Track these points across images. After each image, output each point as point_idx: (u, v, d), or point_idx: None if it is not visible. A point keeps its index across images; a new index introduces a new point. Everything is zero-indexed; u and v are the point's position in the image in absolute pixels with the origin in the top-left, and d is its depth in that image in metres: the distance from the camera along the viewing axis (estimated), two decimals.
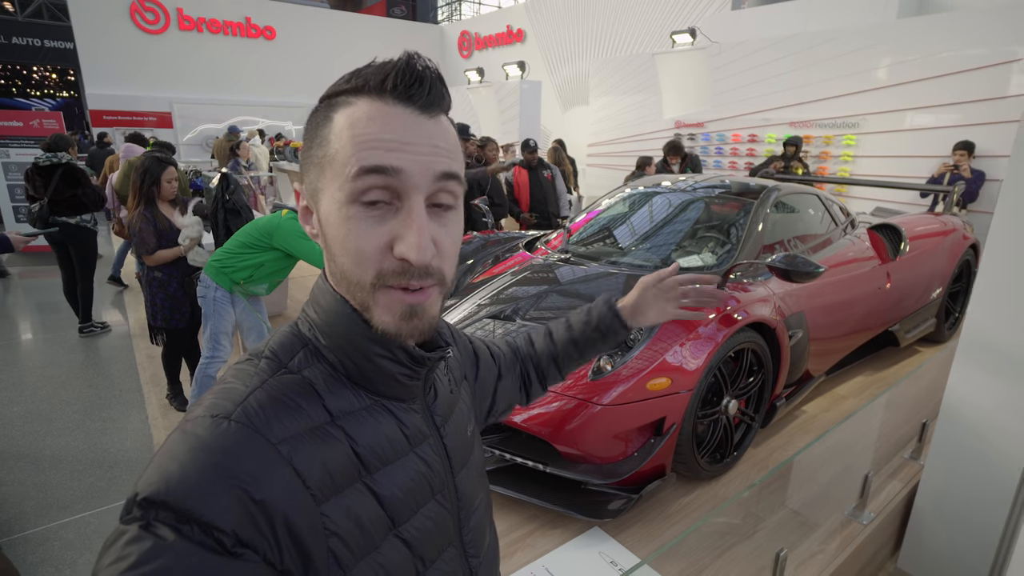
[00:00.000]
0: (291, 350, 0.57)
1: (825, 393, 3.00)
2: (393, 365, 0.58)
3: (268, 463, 0.47)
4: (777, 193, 2.96)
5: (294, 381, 0.54)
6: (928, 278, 3.44)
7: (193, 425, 0.48)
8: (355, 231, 0.52)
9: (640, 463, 1.90)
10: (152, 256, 2.96)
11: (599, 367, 1.94)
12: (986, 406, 1.90)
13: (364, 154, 0.51)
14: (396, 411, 0.59)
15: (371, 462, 0.54)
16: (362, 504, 0.53)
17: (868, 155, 6.28)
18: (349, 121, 0.52)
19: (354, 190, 0.51)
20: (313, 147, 0.55)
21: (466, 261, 3.09)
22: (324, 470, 0.50)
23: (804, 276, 2.05)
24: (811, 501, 2.17)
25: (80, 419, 3.37)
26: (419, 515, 0.58)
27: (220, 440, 0.46)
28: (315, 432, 0.52)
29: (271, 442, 0.48)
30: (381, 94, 0.53)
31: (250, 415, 0.49)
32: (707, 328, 2.02)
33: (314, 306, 0.60)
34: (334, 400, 0.55)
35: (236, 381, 0.53)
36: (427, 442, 0.61)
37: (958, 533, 2.00)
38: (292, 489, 0.47)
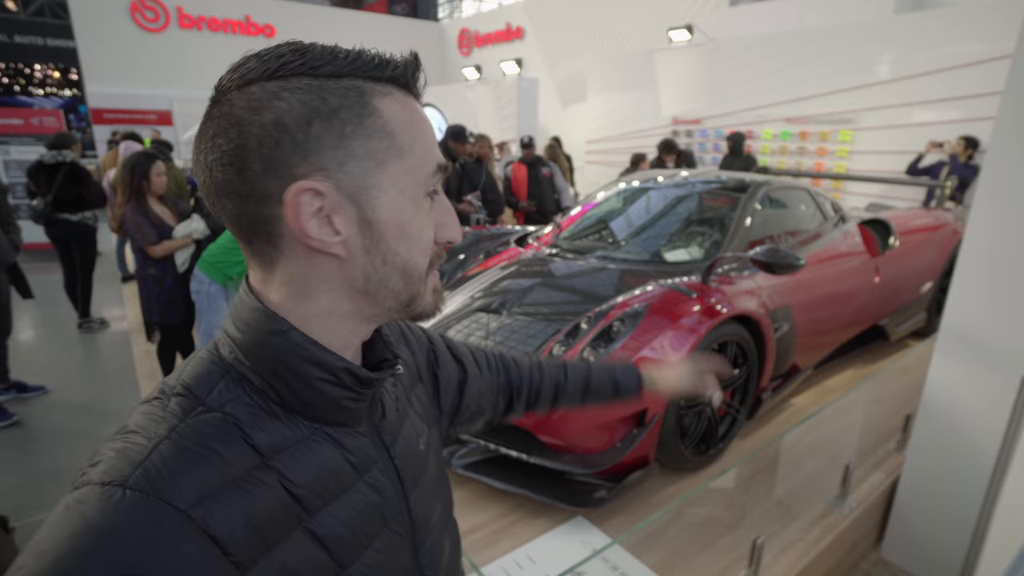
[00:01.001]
0: (208, 382, 0.49)
1: (814, 386, 3.02)
2: (336, 389, 0.51)
3: (173, 536, 0.40)
4: (766, 188, 2.97)
5: (211, 422, 0.46)
6: (918, 272, 3.45)
7: (79, 496, 0.40)
8: (425, 222, 0.53)
9: (622, 453, 1.92)
10: (159, 247, 2.99)
11: (582, 358, 1.97)
12: (964, 398, 1.92)
13: (435, 151, 0.53)
14: (338, 437, 0.52)
15: (311, 503, 0.48)
16: (302, 554, 0.47)
17: (865, 151, 6.29)
18: (408, 114, 0.51)
19: (430, 184, 0.53)
20: (356, 137, 0.48)
21: (458, 255, 3.12)
22: (249, 527, 0.43)
23: (785, 268, 2.09)
24: (794, 492, 2.19)
25: (78, 414, 3.42)
26: (369, 550, 0.53)
27: (109, 518, 0.39)
28: (237, 483, 0.44)
29: (179, 509, 0.41)
30: (408, 86, 0.53)
31: (151, 478, 0.41)
32: (690, 320, 2.04)
33: (236, 323, 0.51)
34: (263, 436, 0.47)
35: (140, 431, 0.45)
36: (376, 467, 0.55)
37: (937, 523, 2.03)
38: (207, 563, 0.41)
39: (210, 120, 0.49)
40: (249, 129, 0.46)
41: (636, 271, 2.58)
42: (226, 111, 0.47)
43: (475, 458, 2.06)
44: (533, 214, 5.35)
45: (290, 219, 0.47)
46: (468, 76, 9.92)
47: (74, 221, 4.59)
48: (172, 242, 3.02)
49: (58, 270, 4.88)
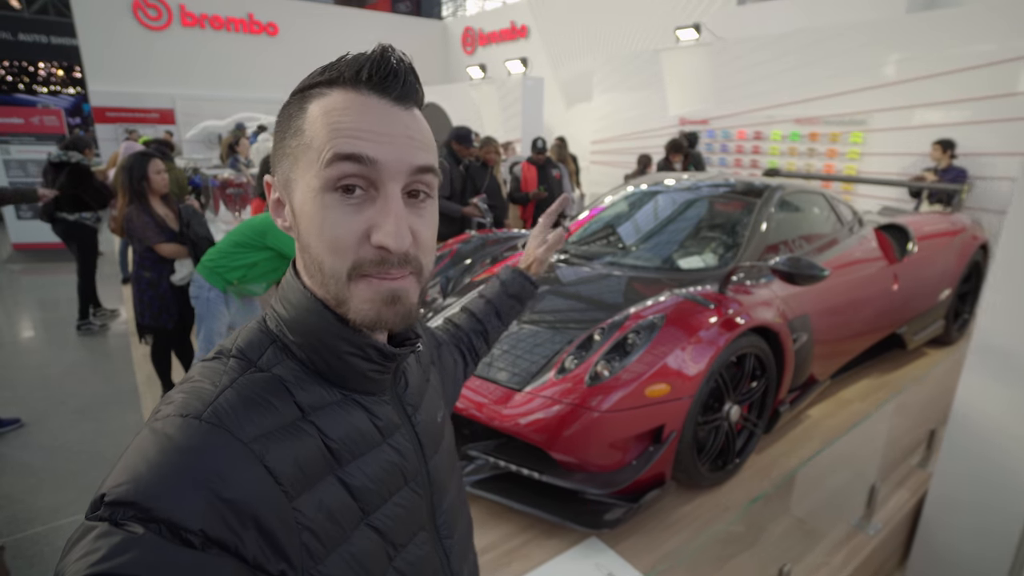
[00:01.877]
0: (259, 347, 0.57)
1: (830, 397, 2.93)
2: (363, 362, 0.58)
3: (239, 462, 0.47)
4: (781, 192, 2.88)
5: (264, 379, 0.54)
6: (937, 279, 3.36)
7: (163, 424, 0.48)
8: (331, 219, 0.52)
9: (639, 472, 1.84)
10: (167, 246, 2.93)
11: (596, 372, 1.88)
12: (997, 413, 1.84)
13: (340, 141, 0.51)
14: (367, 404, 0.59)
15: (342, 455, 0.55)
16: (333, 496, 0.53)
17: (876, 153, 6.18)
18: (323, 110, 0.52)
19: (330, 177, 0.51)
20: (287, 137, 0.55)
21: (464, 260, 3.04)
22: (296, 466, 0.50)
23: (808, 279, 2.00)
24: (816, 510, 2.11)
25: (75, 419, 3.35)
26: (390, 503, 0.59)
27: (190, 440, 0.46)
28: (286, 429, 0.52)
29: (243, 441, 0.48)
30: (356, 85, 0.53)
31: (221, 415, 0.49)
32: (708, 332, 1.96)
33: (283, 302, 0.59)
34: (305, 396, 0.55)
35: (205, 380, 0.53)
36: (399, 432, 0.62)
37: (970, 543, 1.94)
38: (263, 487, 0.47)
39: None
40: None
41: (647, 278, 2.50)
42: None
43: (483, 475, 1.98)
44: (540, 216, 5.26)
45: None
46: (472, 75, 9.83)
47: (71, 221, 4.60)
48: (172, 247, 2.95)
49: (57, 271, 4.83)
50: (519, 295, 1.06)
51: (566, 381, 1.91)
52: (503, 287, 1.06)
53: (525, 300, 1.08)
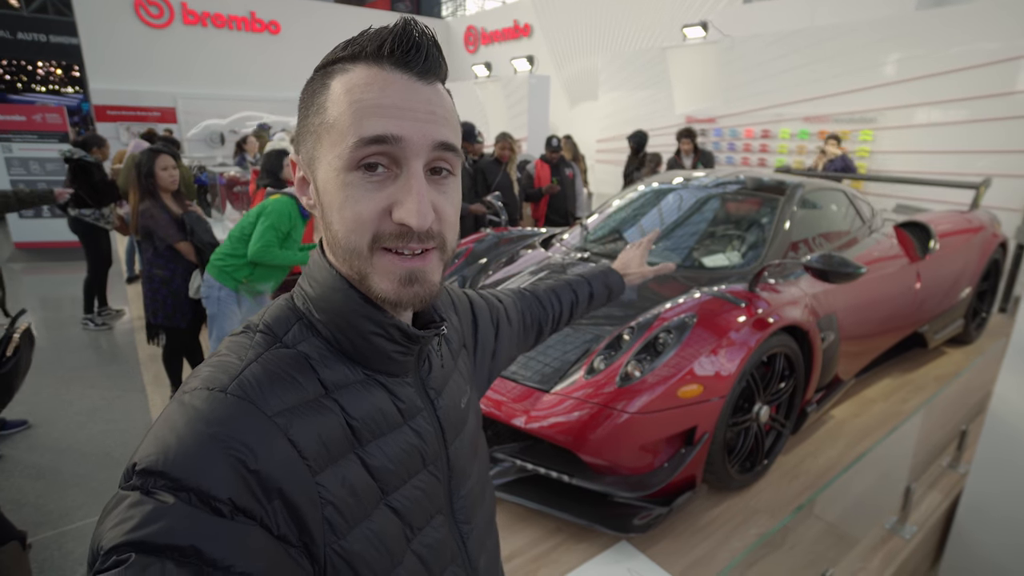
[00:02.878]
0: (286, 323, 0.57)
1: (854, 397, 2.88)
2: (387, 343, 0.58)
3: (264, 435, 0.48)
4: (803, 190, 2.84)
5: (289, 355, 0.54)
6: (957, 277, 3.32)
7: (191, 397, 0.49)
8: (353, 197, 0.52)
9: (671, 475, 1.79)
10: (186, 244, 2.90)
11: (627, 373, 1.84)
12: None
13: (365, 123, 0.51)
14: (390, 385, 0.59)
15: (363, 434, 0.55)
16: (355, 474, 0.53)
17: (886, 151, 6.13)
18: (346, 87, 0.52)
19: (353, 157, 0.51)
20: (310, 115, 0.55)
21: (480, 260, 2.99)
22: (319, 441, 0.51)
23: (843, 277, 1.95)
24: (847, 514, 2.06)
25: (82, 420, 3.29)
26: (409, 485, 0.59)
27: (217, 412, 0.47)
28: (310, 404, 0.52)
29: (267, 414, 0.49)
30: (378, 60, 0.52)
31: (246, 388, 0.49)
32: (739, 333, 1.91)
33: (309, 280, 0.59)
34: (329, 373, 0.55)
35: (231, 354, 0.54)
36: (421, 415, 0.62)
37: (1005, 547, 1.90)
38: (288, 460, 0.48)
39: None
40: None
41: (671, 277, 2.45)
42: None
43: (509, 478, 1.94)
44: (552, 216, 5.22)
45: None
46: (478, 74, 9.77)
47: (72, 216, 4.59)
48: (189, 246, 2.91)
49: (59, 269, 4.80)
50: (612, 290, 1.13)
51: (596, 382, 1.86)
52: (604, 276, 1.12)
53: (614, 298, 1.15)
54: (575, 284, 1.08)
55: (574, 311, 1.07)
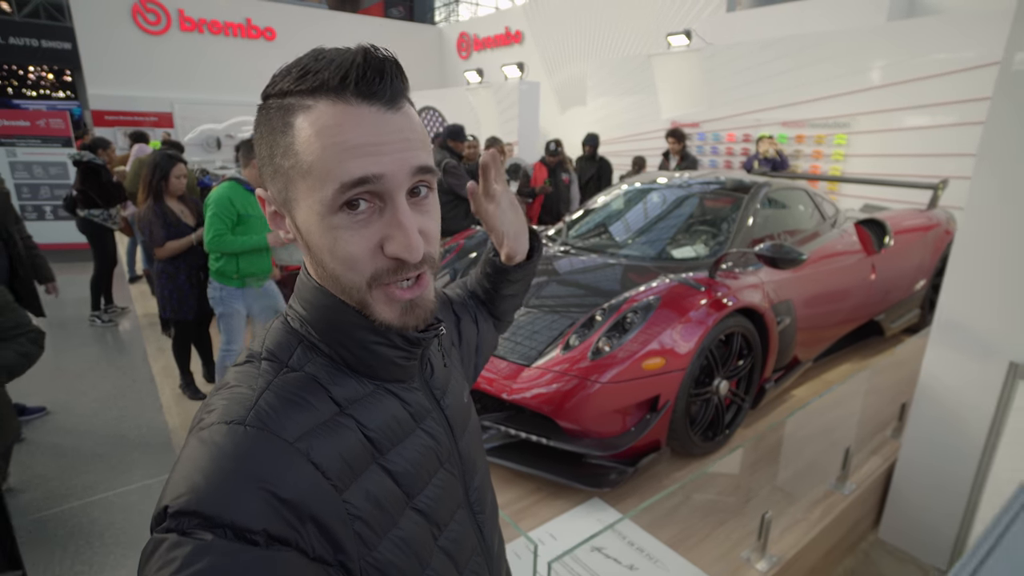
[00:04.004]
0: (288, 347, 0.58)
1: (813, 379, 3.14)
2: (390, 350, 0.59)
3: (289, 462, 0.49)
4: (767, 189, 3.10)
5: (298, 378, 0.55)
6: (912, 270, 3.59)
7: (210, 433, 0.49)
8: (343, 239, 0.52)
9: (637, 437, 2.04)
10: (162, 248, 3.05)
11: (598, 348, 2.08)
12: (956, 384, 2.05)
13: (343, 167, 0.50)
14: (398, 392, 0.61)
15: (382, 443, 0.57)
16: (379, 484, 0.55)
17: (859, 154, 6.43)
18: (315, 129, 0.50)
19: (336, 202, 0.51)
20: (276, 156, 0.53)
21: (469, 254, 3.23)
22: (341, 460, 0.52)
23: (788, 263, 2.21)
24: (797, 476, 2.31)
25: (97, 408, 3.50)
26: (431, 485, 0.61)
27: (239, 446, 0.48)
28: (327, 425, 0.53)
29: (288, 441, 0.50)
30: (342, 94, 0.50)
31: (263, 418, 0.50)
32: (698, 312, 2.16)
33: (302, 303, 0.60)
34: (340, 390, 0.57)
35: (242, 384, 0.54)
36: (430, 416, 0.64)
37: (932, 503, 2.15)
38: (315, 484, 0.49)
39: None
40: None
41: (643, 267, 2.70)
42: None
43: (496, 443, 2.17)
44: (544, 216, 5.47)
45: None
46: (470, 80, 10.04)
47: (81, 217, 4.82)
48: (175, 243, 3.07)
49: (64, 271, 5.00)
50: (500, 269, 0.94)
51: (571, 357, 2.11)
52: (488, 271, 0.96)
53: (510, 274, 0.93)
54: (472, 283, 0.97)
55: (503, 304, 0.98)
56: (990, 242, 1.91)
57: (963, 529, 2.00)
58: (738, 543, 1.90)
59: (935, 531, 2.14)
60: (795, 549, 1.89)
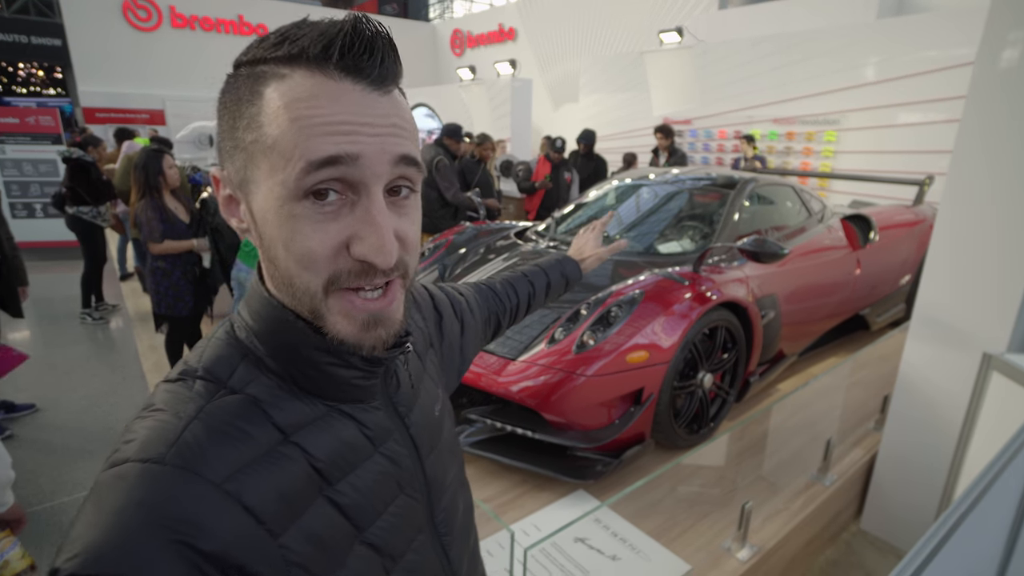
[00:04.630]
0: (229, 364, 0.50)
1: (798, 372, 3.18)
2: (346, 371, 0.52)
3: (213, 507, 0.42)
4: (753, 185, 3.13)
5: (236, 403, 0.48)
6: (898, 266, 3.63)
7: (121, 473, 0.42)
8: (301, 231, 0.45)
9: (621, 429, 2.06)
10: (160, 245, 3.07)
11: (582, 342, 2.10)
12: (934, 376, 2.08)
13: (312, 144, 0.43)
14: (355, 414, 0.54)
15: (331, 474, 0.50)
16: (324, 520, 0.49)
17: (848, 151, 6.48)
18: (285, 100, 0.44)
19: (300, 186, 0.44)
20: (239, 128, 0.46)
21: (459, 250, 3.24)
22: (279, 498, 0.46)
23: (770, 257, 2.24)
24: (780, 467, 2.34)
25: (86, 404, 3.50)
26: (386, 515, 0.55)
27: (154, 491, 0.41)
28: (266, 458, 0.46)
29: (215, 483, 0.43)
30: (323, 65, 0.44)
31: (187, 455, 0.43)
32: (682, 306, 2.19)
33: (249, 310, 0.53)
34: (285, 415, 0.49)
35: (168, 410, 0.47)
36: (392, 438, 0.57)
37: (911, 493, 2.19)
38: (244, 530, 0.43)
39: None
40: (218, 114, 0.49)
41: (631, 262, 2.72)
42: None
43: (482, 436, 2.20)
44: (543, 212, 5.51)
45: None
46: (463, 77, 10.04)
47: (70, 214, 4.80)
48: (174, 243, 3.09)
49: (54, 268, 4.99)
50: (569, 278, 1.12)
51: (557, 350, 2.13)
52: (560, 265, 1.10)
53: (572, 285, 1.13)
54: (532, 275, 1.05)
55: (531, 303, 1.04)
56: (964, 236, 1.94)
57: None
58: (720, 533, 1.93)
59: (915, 521, 2.18)
60: (776, 539, 1.92)
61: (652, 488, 2.16)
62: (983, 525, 0.91)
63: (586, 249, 1.20)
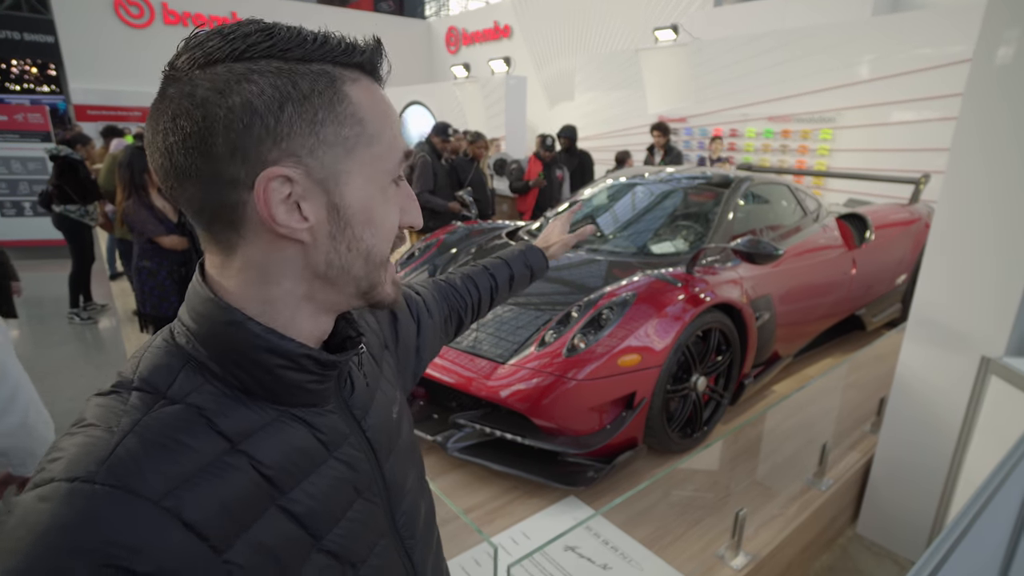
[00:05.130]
0: (168, 372, 0.48)
1: (794, 374, 3.14)
2: (298, 374, 0.51)
3: (150, 527, 0.40)
4: (748, 184, 3.09)
5: (175, 414, 0.45)
6: (893, 265, 3.60)
7: (45, 494, 0.39)
8: (391, 210, 0.54)
9: (612, 435, 2.02)
10: (168, 238, 3.03)
11: (573, 345, 2.06)
12: (931, 379, 2.05)
13: (401, 140, 0.54)
14: (307, 418, 0.52)
15: (283, 482, 0.49)
16: (276, 531, 0.47)
17: (844, 149, 6.45)
18: (370, 99, 0.51)
19: (397, 171, 0.53)
20: (327, 124, 0.48)
21: (450, 250, 3.19)
22: (223, 511, 0.44)
23: (764, 258, 2.20)
24: (775, 472, 2.30)
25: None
26: (344, 520, 0.54)
27: (82, 513, 0.38)
28: (209, 469, 0.44)
29: (152, 500, 0.41)
30: (373, 73, 0.53)
31: (119, 472, 0.41)
32: (675, 308, 2.14)
33: (190, 313, 0.51)
34: (230, 423, 0.47)
35: (100, 425, 0.44)
36: (347, 442, 0.56)
37: (908, 497, 2.15)
38: (184, 549, 0.41)
39: (168, 100, 0.46)
40: (216, 111, 0.44)
41: (624, 263, 2.68)
42: (188, 91, 0.45)
43: (471, 442, 2.15)
44: (538, 212, 5.46)
45: (260, 205, 0.46)
46: (457, 74, 9.97)
47: (56, 212, 4.73)
48: (179, 237, 3.06)
49: (43, 267, 4.92)
50: (534, 268, 1.09)
51: (546, 354, 2.08)
52: (523, 255, 1.09)
53: (537, 275, 1.11)
54: (493, 268, 1.04)
55: (494, 296, 1.03)
56: (962, 235, 1.90)
57: (937, 522, 2.00)
58: (713, 540, 1.89)
59: (911, 525, 2.14)
60: (771, 546, 1.88)
61: (644, 494, 2.12)
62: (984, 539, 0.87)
63: (552, 236, 1.18)
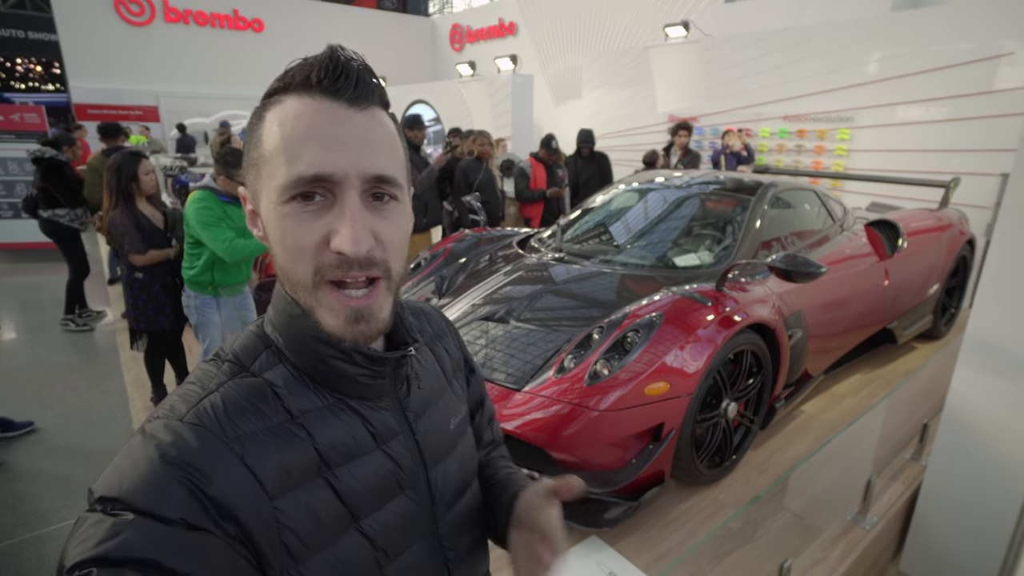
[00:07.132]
0: (254, 352, 0.58)
1: (823, 392, 2.95)
2: (349, 367, 0.57)
3: (218, 459, 0.49)
4: (774, 189, 2.90)
5: (253, 384, 0.55)
6: (926, 274, 3.40)
7: (151, 427, 0.50)
8: (291, 228, 0.52)
9: (638, 470, 1.84)
10: (144, 256, 2.86)
11: (595, 371, 1.88)
12: (990, 409, 1.86)
13: (297, 156, 0.51)
14: (361, 410, 0.59)
15: (331, 458, 0.55)
16: (321, 498, 0.54)
17: (863, 149, 6.24)
18: (278, 119, 0.52)
19: (286, 189, 0.51)
20: (251, 149, 0.55)
21: (459, 259, 3.02)
22: (279, 466, 0.51)
23: (805, 276, 2.01)
24: (812, 505, 2.12)
25: (62, 423, 3.28)
26: (384, 510, 0.59)
27: (172, 439, 0.48)
28: (273, 431, 0.53)
29: (222, 440, 0.50)
30: (307, 90, 0.52)
31: (201, 417, 0.51)
32: (706, 330, 1.96)
33: (274, 306, 0.60)
34: (294, 400, 0.56)
35: (196, 384, 0.55)
36: (396, 439, 0.61)
37: (963, 537, 1.97)
38: (243, 484, 0.49)
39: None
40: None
41: (643, 276, 2.50)
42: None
43: None
44: (548, 217, 5.26)
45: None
46: (462, 72, 9.78)
47: (44, 217, 4.57)
48: (158, 252, 2.90)
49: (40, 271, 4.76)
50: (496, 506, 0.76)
51: (565, 380, 1.90)
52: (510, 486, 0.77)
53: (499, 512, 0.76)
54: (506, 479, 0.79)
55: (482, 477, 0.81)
56: None
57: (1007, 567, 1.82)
58: None
59: (968, 565, 1.96)
60: None
61: (671, 532, 1.95)
62: None
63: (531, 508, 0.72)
